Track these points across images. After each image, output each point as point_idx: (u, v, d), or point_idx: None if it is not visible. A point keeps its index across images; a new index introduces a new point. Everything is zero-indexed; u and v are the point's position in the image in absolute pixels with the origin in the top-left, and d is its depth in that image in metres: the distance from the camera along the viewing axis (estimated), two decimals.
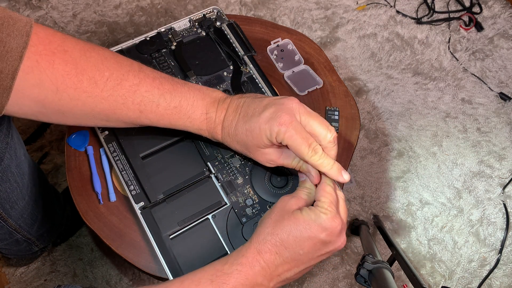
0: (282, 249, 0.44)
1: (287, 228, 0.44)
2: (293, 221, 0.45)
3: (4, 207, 0.66)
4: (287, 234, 0.44)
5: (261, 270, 0.44)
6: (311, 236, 0.44)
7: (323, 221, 0.44)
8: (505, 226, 1.09)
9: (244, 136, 0.49)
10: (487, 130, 1.20)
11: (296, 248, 0.44)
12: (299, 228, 0.44)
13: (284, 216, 0.45)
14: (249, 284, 0.43)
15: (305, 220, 0.44)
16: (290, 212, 0.46)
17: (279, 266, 0.44)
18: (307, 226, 0.44)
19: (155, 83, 0.49)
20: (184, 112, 0.50)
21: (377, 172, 1.14)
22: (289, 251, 0.44)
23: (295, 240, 0.44)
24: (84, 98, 0.46)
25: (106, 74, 0.46)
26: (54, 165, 1.09)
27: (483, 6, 1.36)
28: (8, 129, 0.59)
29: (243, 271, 0.43)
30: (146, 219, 0.56)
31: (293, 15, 1.32)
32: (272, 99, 0.49)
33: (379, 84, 1.24)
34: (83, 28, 1.25)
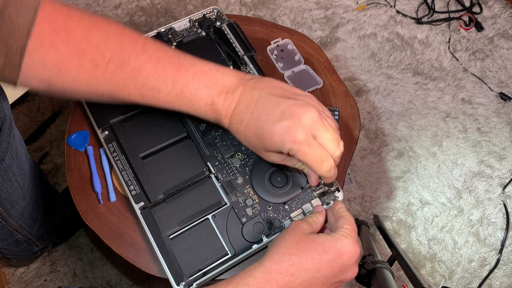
0: (300, 270, 0.42)
1: (305, 250, 0.43)
2: (312, 243, 0.43)
3: (5, 207, 0.66)
4: (305, 255, 0.43)
5: (263, 268, 0.42)
6: (330, 259, 0.43)
7: (344, 245, 0.44)
8: (505, 226, 1.09)
9: (254, 139, 0.48)
10: (487, 130, 1.20)
11: (312, 271, 0.42)
12: (318, 250, 0.43)
13: (302, 239, 0.44)
14: None
15: (325, 243, 0.43)
16: (306, 235, 0.45)
17: (284, 271, 0.42)
18: (327, 248, 0.43)
19: (158, 67, 0.46)
20: (187, 100, 0.48)
21: (377, 172, 1.14)
22: (306, 273, 0.42)
23: (313, 262, 0.42)
24: (86, 80, 0.45)
25: (108, 56, 0.44)
26: (54, 165, 1.09)
27: (483, 6, 1.36)
28: (9, 129, 0.59)
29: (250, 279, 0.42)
30: (146, 219, 0.56)
31: (293, 15, 1.32)
32: (289, 105, 0.45)
33: (379, 84, 1.24)
34: None
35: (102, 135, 0.61)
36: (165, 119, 0.63)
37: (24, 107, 1.15)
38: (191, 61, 0.48)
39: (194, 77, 0.47)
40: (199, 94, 0.47)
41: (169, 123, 0.62)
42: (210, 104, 0.48)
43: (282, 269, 0.42)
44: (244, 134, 0.49)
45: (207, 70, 0.48)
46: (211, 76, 0.48)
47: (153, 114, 0.63)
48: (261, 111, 0.46)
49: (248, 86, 0.48)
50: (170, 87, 0.47)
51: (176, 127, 0.62)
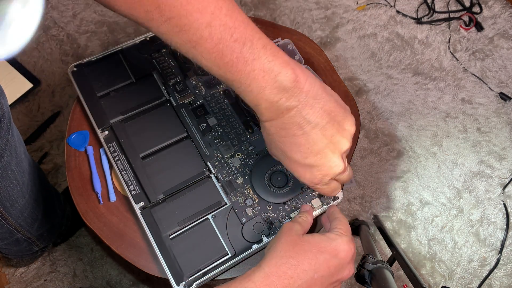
0: (298, 272, 0.42)
1: (302, 252, 0.43)
2: (307, 245, 0.44)
3: (4, 205, 0.66)
4: (302, 257, 0.43)
5: (261, 273, 0.42)
6: (327, 259, 0.43)
7: (338, 244, 0.44)
8: (505, 226, 1.09)
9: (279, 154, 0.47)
10: (487, 130, 1.20)
11: (310, 272, 0.42)
12: (314, 251, 0.43)
13: (296, 241, 0.44)
14: None
15: (320, 243, 0.44)
16: (300, 236, 0.45)
17: (282, 274, 0.42)
18: (322, 248, 0.44)
19: (215, 50, 0.40)
20: (236, 88, 0.43)
21: (377, 172, 1.14)
22: (305, 274, 0.42)
23: (310, 263, 0.43)
24: (139, 20, 0.41)
25: (166, 15, 0.39)
26: (54, 165, 1.09)
27: (483, 6, 1.36)
28: (8, 126, 0.59)
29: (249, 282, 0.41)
30: (146, 219, 0.56)
31: (293, 15, 1.32)
32: (326, 148, 0.44)
33: (379, 84, 1.24)
34: (83, 28, 1.25)
35: (102, 135, 0.61)
36: (165, 119, 0.63)
37: (24, 107, 1.15)
38: (254, 53, 0.41)
39: (250, 74, 0.41)
40: (249, 91, 0.43)
41: (169, 123, 0.63)
42: (255, 105, 0.44)
43: (280, 272, 0.42)
44: (274, 143, 0.47)
45: (269, 69, 0.41)
46: (270, 73, 0.41)
47: (153, 114, 0.63)
48: (299, 139, 0.44)
49: (308, 104, 0.43)
50: (222, 73, 0.42)
51: (176, 127, 0.62)
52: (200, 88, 0.66)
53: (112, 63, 0.66)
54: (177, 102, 0.64)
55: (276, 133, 0.45)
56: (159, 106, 0.64)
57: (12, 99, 1.14)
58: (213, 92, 0.66)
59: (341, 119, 0.45)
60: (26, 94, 1.15)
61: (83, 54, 1.22)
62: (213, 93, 0.66)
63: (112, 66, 0.66)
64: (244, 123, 0.63)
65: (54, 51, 1.22)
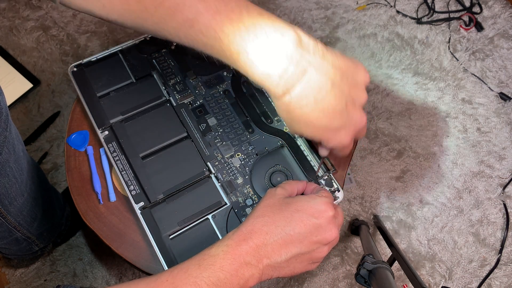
0: (273, 228, 0.43)
1: (278, 211, 0.44)
2: (285, 205, 0.45)
3: (3, 203, 0.66)
4: (278, 215, 0.44)
5: (249, 249, 0.42)
6: (302, 217, 0.44)
7: (316, 203, 0.45)
8: (505, 226, 1.09)
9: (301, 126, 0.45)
10: (487, 130, 1.20)
11: (286, 228, 0.43)
12: (291, 209, 0.44)
13: (275, 202, 0.45)
14: (237, 263, 0.42)
15: (298, 202, 0.45)
16: (280, 199, 0.46)
17: (268, 245, 0.43)
18: (299, 207, 0.44)
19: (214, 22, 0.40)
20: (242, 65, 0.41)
21: (377, 172, 1.14)
22: (280, 230, 0.43)
23: (285, 220, 0.44)
24: (133, 18, 0.42)
25: None
26: (54, 165, 1.09)
27: (483, 6, 1.36)
28: (6, 123, 0.58)
29: (229, 252, 0.42)
30: (146, 219, 0.56)
31: (293, 15, 1.32)
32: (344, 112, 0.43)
33: (379, 84, 1.24)
34: (83, 28, 1.25)
35: (102, 135, 0.61)
36: (165, 119, 0.63)
37: (24, 107, 1.15)
38: (255, 19, 0.40)
39: (254, 41, 0.40)
40: (256, 65, 0.40)
41: (169, 123, 0.63)
42: (266, 78, 0.41)
43: (256, 229, 0.43)
44: (296, 118, 0.44)
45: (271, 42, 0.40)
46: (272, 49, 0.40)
47: (153, 114, 0.63)
48: (322, 104, 0.42)
49: (313, 63, 0.41)
50: (225, 47, 0.40)
51: (176, 127, 0.62)
52: (200, 88, 0.66)
53: (112, 63, 0.66)
54: (177, 102, 0.64)
55: (296, 105, 0.42)
56: (159, 106, 0.64)
57: (12, 99, 1.14)
58: (213, 92, 0.66)
59: (353, 72, 0.43)
60: (26, 94, 1.15)
61: (83, 54, 1.22)
62: (213, 93, 0.66)
63: (112, 66, 0.66)
64: (244, 123, 0.63)
65: (54, 51, 1.22)
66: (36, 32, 1.24)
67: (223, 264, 0.41)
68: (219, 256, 0.42)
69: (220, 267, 0.41)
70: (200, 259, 0.43)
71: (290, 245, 0.43)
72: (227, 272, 0.41)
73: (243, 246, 0.42)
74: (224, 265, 0.41)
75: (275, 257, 0.43)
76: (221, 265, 0.41)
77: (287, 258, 0.43)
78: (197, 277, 0.40)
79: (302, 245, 0.44)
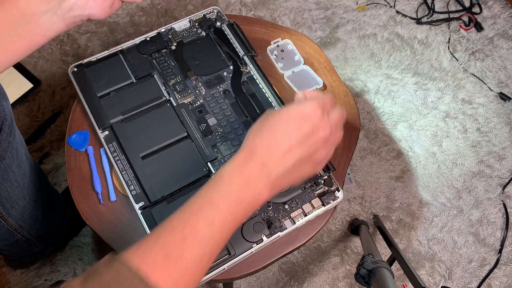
0: (272, 140, 0.45)
1: (272, 123, 0.46)
2: (277, 116, 0.46)
3: (5, 206, 0.66)
4: (274, 126, 0.46)
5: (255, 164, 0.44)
6: (295, 122, 0.45)
7: (304, 107, 0.46)
8: (505, 226, 1.09)
9: None
10: (487, 130, 1.20)
11: (283, 136, 0.45)
12: (283, 119, 0.46)
13: (268, 117, 0.47)
14: (246, 177, 0.43)
15: (288, 110, 0.46)
16: (274, 113, 0.47)
17: (272, 155, 0.44)
18: (290, 114, 0.46)
19: None
20: None
21: (377, 172, 1.14)
22: (279, 139, 0.45)
23: (281, 128, 0.45)
24: None
25: None
26: (55, 165, 1.09)
27: (483, 6, 1.36)
28: (10, 128, 0.59)
29: (238, 168, 0.44)
30: (146, 219, 0.56)
31: (293, 15, 1.32)
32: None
33: (379, 84, 1.25)
34: (83, 28, 1.25)
35: (102, 135, 0.61)
36: (165, 119, 0.63)
37: (24, 107, 1.15)
38: None
39: None
40: None
41: (169, 123, 0.63)
42: None
43: (257, 144, 0.45)
44: None
45: None
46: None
47: (153, 114, 0.63)
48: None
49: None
50: None
51: (176, 127, 0.62)
52: (200, 88, 0.66)
53: (112, 63, 0.66)
54: (177, 102, 0.64)
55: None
56: (159, 106, 0.64)
57: (13, 99, 1.14)
58: (213, 92, 0.66)
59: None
60: (26, 94, 1.15)
61: (83, 54, 1.22)
62: (213, 93, 0.66)
63: (112, 66, 0.66)
64: (244, 123, 0.63)
65: (54, 51, 1.22)
66: None
67: (233, 178, 0.43)
68: (229, 173, 0.44)
69: (230, 181, 0.43)
70: (210, 180, 0.44)
71: (292, 151, 0.45)
72: (238, 185, 0.43)
73: (250, 163, 0.44)
74: (235, 179, 0.43)
75: (281, 166, 0.44)
76: (231, 179, 0.43)
77: (293, 164, 0.45)
78: (211, 196, 0.42)
79: (302, 148, 0.45)
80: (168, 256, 0.39)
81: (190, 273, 0.39)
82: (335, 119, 0.47)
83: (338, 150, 0.67)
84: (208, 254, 0.41)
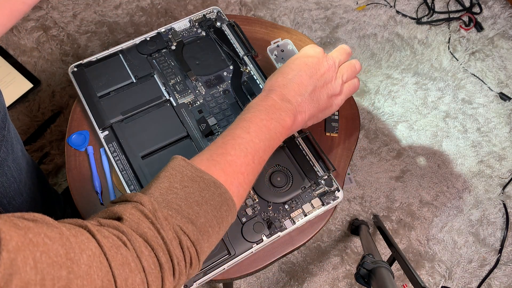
0: (286, 77, 0.54)
1: (284, 66, 0.55)
2: (286, 62, 0.56)
3: (2, 202, 0.66)
4: (285, 68, 0.55)
5: (276, 96, 0.51)
6: (302, 60, 0.55)
7: (306, 49, 0.57)
8: (505, 226, 1.09)
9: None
10: (487, 130, 1.20)
11: (295, 72, 0.54)
12: (291, 61, 0.56)
13: (279, 67, 0.57)
14: (270, 105, 0.50)
15: (293, 56, 0.57)
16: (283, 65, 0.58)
17: (289, 87, 0.53)
18: (294, 56, 0.57)
19: None
20: None
21: (377, 172, 1.14)
22: (291, 76, 0.54)
23: (290, 68, 0.55)
24: None
25: None
26: (54, 165, 1.09)
27: (483, 6, 1.37)
28: (4, 122, 0.58)
29: (262, 103, 0.51)
30: None
31: (293, 15, 1.32)
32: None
33: (379, 84, 1.25)
34: (83, 28, 1.25)
35: (102, 135, 0.61)
36: (165, 119, 0.63)
37: (24, 107, 1.15)
38: None
39: None
40: None
41: (169, 123, 0.63)
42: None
43: (273, 83, 0.54)
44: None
45: None
46: None
47: (153, 114, 0.63)
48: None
49: None
50: None
51: (176, 127, 0.62)
52: (200, 88, 0.66)
53: (112, 63, 0.66)
54: (177, 102, 0.64)
55: None
56: (159, 106, 0.64)
57: (12, 99, 1.14)
58: (213, 92, 0.66)
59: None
60: (26, 94, 1.15)
61: (83, 54, 1.22)
62: (213, 93, 0.66)
63: (112, 66, 0.66)
64: None
65: (54, 51, 1.22)
66: (36, 32, 1.24)
67: (260, 104, 0.50)
68: (255, 103, 0.51)
69: (257, 105, 0.50)
70: (241, 113, 0.51)
71: (304, 83, 0.53)
72: (266, 108, 0.50)
73: (271, 95, 0.52)
74: (261, 104, 0.50)
75: (298, 96, 0.53)
76: (258, 105, 0.50)
77: (308, 93, 0.53)
78: (243, 117, 0.49)
79: (313, 79, 0.54)
80: (212, 154, 0.45)
81: (237, 165, 0.45)
82: (340, 54, 0.57)
83: (338, 150, 0.67)
84: (251, 153, 0.46)
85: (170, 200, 0.39)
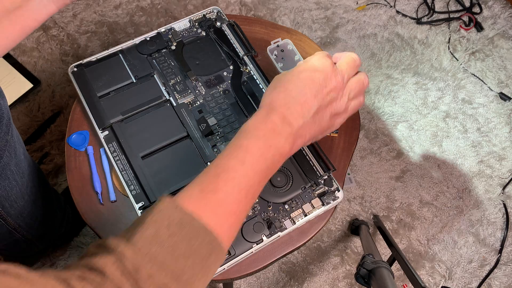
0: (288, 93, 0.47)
1: (286, 79, 0.49)
2: (289, 73, 0.50)
3: (4, 205, 0.66)
4: (287, 82, 0.48)
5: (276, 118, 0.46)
6: (307, 74, 0.48)
7: (313, 60, 0.49)
8: (505, 226, 1.09)
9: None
10: (487, 130, 1.20)
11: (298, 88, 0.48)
12: (295, 73, 0.49)
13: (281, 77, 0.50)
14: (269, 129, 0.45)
15: (298, 66, 0.50)
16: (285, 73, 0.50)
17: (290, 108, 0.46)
18: (300, 68, 0.49)
19: None
20: None
21: (377, 172, 1.14)
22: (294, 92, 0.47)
23: (294, 82, 0.48)
24: None
25: None
26: (54, 165, 1.09)
27: (483, 6, 1.36)
28: (7, 127, 0.59)
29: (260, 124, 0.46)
30: None
31: (293, 15, 1.32)
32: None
33: (379, 84, 1.25)
34: (83, 28, 1.25)
35: (102, 135, 0.61)
36: (165, 119, 0.63)
37: (24, 107, 1.15)
38: None
39: None
40: None
41: (169, 123, 0.63)
42: None
43: (274, 99, 0.48)
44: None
45: None
46: None
47: (153, 114, 0.63)
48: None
49: None
50: None
51: (176, 127, 0.62)
52: (200, 88, 0.66)
53: (112, 63, 0.66)
54: (177, 102, 0.64)
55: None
56: (159, 106, 0.64)
57: (12, 99, 1.14)
58: (213, 92, 0.66)
59: None
60: (26, 94, 1.15)
61: (83, 54, 1.22)
62: (213, 93, 0.66)
63: (112, 66, 0.66)
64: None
65: (54, 51, 1.22)
66: (36, 32, 1.24)
67: (259, 127, 0.45)
68: (254, 125, 0.46)
69: (256, 129, 0.45)
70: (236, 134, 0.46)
71: (308, 102, 0.47)
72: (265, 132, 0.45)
73: (271, 116, 0.46)
74: (260, 128, 0.45)
75: (300, 118, 0.47)
76: (257, 128, 0.45)
77: (311, 115, 0.47)
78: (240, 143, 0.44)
79: (318, 98, 0.47)
80: (203, 190, 0.41)
81: (228, 204, 0.41)
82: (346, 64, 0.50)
83: (338, 150, 0.67)
84: (244, 189, 0.43)
85: (154, 252, 0.36)
